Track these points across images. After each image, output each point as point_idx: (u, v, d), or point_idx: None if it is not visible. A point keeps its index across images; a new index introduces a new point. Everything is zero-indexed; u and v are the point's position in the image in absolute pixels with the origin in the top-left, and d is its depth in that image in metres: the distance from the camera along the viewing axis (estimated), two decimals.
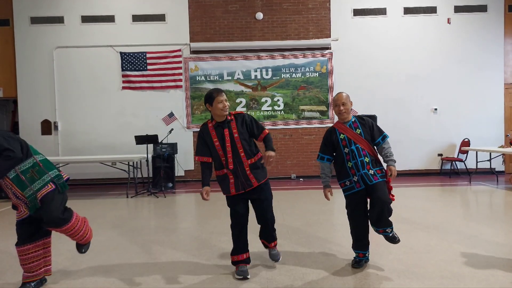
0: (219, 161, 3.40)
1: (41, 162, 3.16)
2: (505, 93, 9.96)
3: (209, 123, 3.40)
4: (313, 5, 9.81)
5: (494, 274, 3.35)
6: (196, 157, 3.44)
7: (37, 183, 3.06)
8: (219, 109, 3.28)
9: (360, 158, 3.41)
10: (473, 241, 4.31)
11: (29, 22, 9.69)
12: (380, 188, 3.36)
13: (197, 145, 3.44)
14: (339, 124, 3.56)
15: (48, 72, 9.72)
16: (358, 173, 3.41)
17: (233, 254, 3.48)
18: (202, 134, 3.40)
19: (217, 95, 3.27)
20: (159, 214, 6.27)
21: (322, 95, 9.85)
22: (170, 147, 8.71)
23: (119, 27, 9.74)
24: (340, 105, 3.48)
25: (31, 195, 3.03)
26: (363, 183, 3.40)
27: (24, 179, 3.03)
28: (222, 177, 3.43)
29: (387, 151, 3.51)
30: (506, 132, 9.96)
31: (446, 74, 9.84)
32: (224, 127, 3.34)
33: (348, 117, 3.53)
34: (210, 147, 3.37)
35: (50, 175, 3.16)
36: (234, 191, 3.38)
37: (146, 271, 3.63)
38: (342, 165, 3.48)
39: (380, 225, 3.42)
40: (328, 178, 3.58)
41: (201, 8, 9.77)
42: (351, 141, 3.45)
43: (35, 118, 9.67)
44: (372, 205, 3.39)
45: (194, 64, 9.81)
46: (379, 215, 3.35)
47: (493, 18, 9.82)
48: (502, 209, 6.30)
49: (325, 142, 3.59)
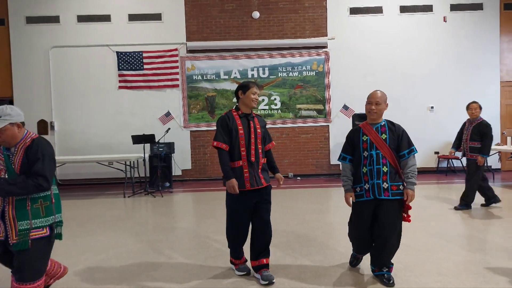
0: (237, 152, 3.23)
1: (54, 198, 2.73)
2: (501, 91, 10.00)
3: (234, 112, 3.33)
4: (310, 4, 9.81)
5: (490, 271, 3.37)
6: (214, 142, 3.23)
7: (38, 221, 2.61)
8: (250, 100, 3.27)
9: (377, 165, 3.09)
10: (469, 238, 4.34)
11: (24, 22, 9.64)
12: (386, 210, 3.05)
13: (217, 131, 3.25)
14: (366, 125, 3.26)
15: (44, 71, 9.67)
16: (370, 182, 3.10)
17: (231, 256, 3.52)
18: (226, 119, 3.25)
19: (252, 86, 3.30)
20: (157, 213, 6.26)
21: (319, 94, 9.86)
22: (167, 147, 8.70)
23: (115, 27, 9.70)
24: (372, 103, 3.18)
25: (24, 230, 2.56)
26: (372, 193, 3.09)
27: (29, 208, 2.59)
28: (236, 169, 3.22)
29: (410, 169, 3.11)
30: (502, 130, 10.01)
31: (442, 72, 9.87)
32: (250, 119, 3.32)
33: (378, 119, 3.23)
34: (232, 135, 3.22)
35: (55, 219, 2.72)
36: (249, 185, 3.21)
37: (144, 271, 3.63)
38: (357, 169, 3.20)
39: (376, 263, 3.19)
40: (350, 181, 3.24)
41: (198, 7, 9.75)
42: (373, 145, 3.14)
43: (31, 118, 9.62)
44: (373, 235, 3.13)
45: (191, 63, 9.79)
46: (378, 253, 3.14)
47: (489, 16, 9.86)
48: (498, 205, 6.34)
49: (348, 141, 3.30)
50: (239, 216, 3.29)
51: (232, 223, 3.35)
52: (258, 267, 3.36)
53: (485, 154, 5.63)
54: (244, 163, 3.23)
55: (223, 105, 9.84)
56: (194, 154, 9.84)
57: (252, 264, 3.40)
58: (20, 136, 2.66)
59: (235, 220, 3.32)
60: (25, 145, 2.64)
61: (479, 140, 5.70)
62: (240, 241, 3.41)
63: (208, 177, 9.82)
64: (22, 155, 2.62)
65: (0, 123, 2.57)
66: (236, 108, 3.36)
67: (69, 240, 3.42)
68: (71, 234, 4.99)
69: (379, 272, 3.21)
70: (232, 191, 3.14)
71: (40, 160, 2.59)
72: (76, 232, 5.12)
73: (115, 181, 9.53)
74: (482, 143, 5.65)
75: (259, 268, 3.35)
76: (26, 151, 2.62)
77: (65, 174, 9.56)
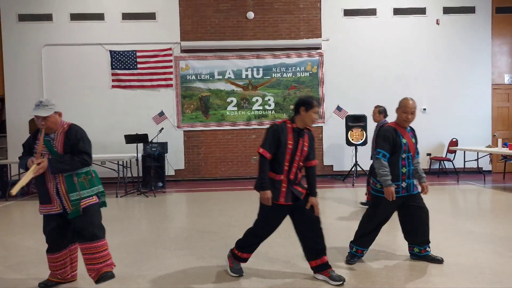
0: (281, 166, 3.18)
1: (93, 173, 3.19)
2: (493, 94, 10.12)
3: (289, 124, 3.23)
4: (304, 5, 9.84)
5: (481, 271, 3.41)
6: (260, 149, 3.16)
7: (85, 191, 3.06)
8: (311, 119, 3.20)
9: (411, 166, 3.52)
10: (461, 238, 4.38)
11: (16, 19, 9.54)
12: (421, 198, 3.57)
13: (266, 138, 3.17)
14: (400, 128, 3.52)
15: (36, 70, 9.58)
16: (407, 181, 3.49)
17: (240, 250, 3.36)
18: (280, 130, 3.18)
19: (316, 105, 3.20)
20: (149, 213, 6.23)
21: (313, 95, 9.89)
22: (160, 146, 8.66)
23: (108, 25, 9.64)
24: (409, 113, 3.46)
25: (75, 200, 3.01)
26: (407, 191, 3.49)
27: (76, 182, 3.04)
28: (275, 182, 3.18)
29: (419, 166, 3.64)
30: (493, 132, 10.13)
31: (435, 74, 9.95)
32: (301, 135, 3.23)
33: (408, 125, 3.59)
34: (280, 147, 3.16)
35: (98, 189, 3.19)
36: (283, 200, 3.17)
37: (136, 271, 3.61)
38: (394, 168, 3.44)
39: (423, 241, 3.61)
40: (390, 177, 3.41)
41: (192, 7, 9.72)
42: (408, 147, 3.48)
43: (23, 117, 9.51)
44: (412, 216, 3.54)
45: (185, 63, 9.77)
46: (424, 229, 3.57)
47: (481, 19, 9.97)
48: (488, 207, 6.42)
49: (388, 141, 3.45)
50: (271, 222, 3.26)
51: (264, 226, 3.29)
52: (321, 266, 3.25)
53: None
54: (285, 177, 3.18)
55: (217, 105, 9.83)
56: (188, 154, 9.81)
57: (312, 264, 3.29)
58: (59, 123, 3.09)
59: (266, 224, 3.28)
60: (64, 130, 3.08)
61: None
62: (264, 239, 3.34)
63: (202, 177, 9.80)
64: (63, 138, 3.04)
65: (48, 111, 2.97)
66: (292, 120, 3.26)
67: None
68: None
69: (425, 253, 3.63)
70: (266, 203, 3.13)
71: (81, 140, 3.06)
72: None
73: (107, 180, 9.39)
74: None
75: (323, 268, 3.25)
76: (66, 135, 3.05)
77: None
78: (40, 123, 2.97)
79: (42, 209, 3.07)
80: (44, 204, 3.06)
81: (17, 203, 7.21)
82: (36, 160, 2.90)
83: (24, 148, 3.15)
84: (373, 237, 3.66)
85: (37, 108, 2.97)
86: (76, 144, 3.03)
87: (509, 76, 10.22)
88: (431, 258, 3.62)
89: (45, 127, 2.99)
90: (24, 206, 7.09)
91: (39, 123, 2.98)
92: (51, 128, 3.03)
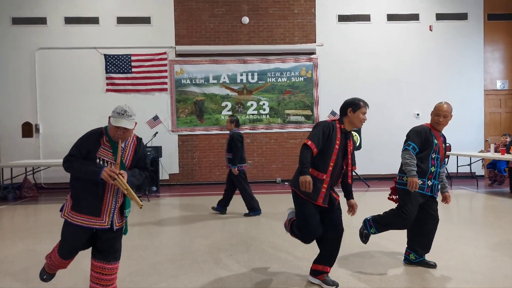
0: (326, 164, 3.09)
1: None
2: (485, 99, 10.22)
3: (338, 124, 3.19)
4: (299, 11, 9.90)
5: (472, 276, 3.43)
6: (309, 141, 3.04)
7: (127, 211, 2.88)
8: (360, 120, 3.16)
9: (439, 169, 3.58)
10: (452, 242, 4.40)
11: (10, 23, 9.49)
12: (437, 208, 3.65)
13: (315, 132, 3.08)
14: (434, 131, 3.60)
15: (30, 73, 9.52)
16: (433, 181, 3.56)
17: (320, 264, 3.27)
18: (330, 128, 3.11)
19: (364, 106, 3.18)
20: (143, 218, 6.20)
21: (307, 100, 9.93)
22: (154, 151, 8.64)
23: (103, 29, 9.62)
24: (441, 116, 3.54)
25: (126, 217, 2.88)
26: (431, 191, 3.55)
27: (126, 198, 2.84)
28: (317, 180, 3.07)
29: (444, 176, 3.73)
30: (486, 137, 10.21)
31: (427, 80, 10.03)
32: (348, 137, 3.20)
33: (442, 129, 3.65)
34: (329, 145, 3.08)
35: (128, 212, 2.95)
36: (321, 201, 3.09)
37: (128, 276, 3.58)
38: (424, 163, 3.49)
39: (427, 248, 3.66)
40: (416, 168, 3.43)
41: (187, 12, 9.74)
42: (438, 149, 3.56)
43: (16, 121, 9.45)
44: (424, 223, 3.60)
45: (180, 67, 9.77)
46: (431, 237, 3.64)
47: (473, 26, 10.09)
48: (481, 212, 6.46)
49: (420, 137, 3.51)
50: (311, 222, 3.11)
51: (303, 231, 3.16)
52: (320, 272, 3.24)
53: (234, 165, 6.04)
54: (327, 178, 3.09)
55: (212, 109, 9.83)
56: (182, 158, 9.79)
57: (314, 267, 3.28)
58: None
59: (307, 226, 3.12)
60: (134, 143, 2.87)
61: (231, 151, 6.13)
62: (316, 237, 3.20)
63: (196, 181, 9.77)
64: (133, 151, 2.85)
65: (132, 123, 2.71)
66: (340, 121, 3.22)
67: (52, 245, 3.35)
68: (55, 239, 4.89)
69: (421, 258, 3.66)
70: (305, 186, 2.95)
71: (146, 156, 2.95)
72: (59, 237, 5.02)
73: None
74: (232, 154, 6.08)
75: (321, 274, 3.24)
76: (136, 147, 2.86)
77: (50, 178, 9.38)
78: (118, 132, 2.68)
79: (82, 220, 2.73)
80: (87, 215, 2.73)
81: (8, 208, 7.14)
82: (117, 170, 2.64)
83: (77, 151, 2.73)
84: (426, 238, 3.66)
85: (121, 118, 2.65)
86: (143, 159, 2.90)
87: (501, 82, 10.33)
88: (424, 263, 3.66)
89: (122, 137, 2.72)
90: (15, 210, 7.02)
91: (117, 133, 2.68)
92: (126, 138, 2.78)
